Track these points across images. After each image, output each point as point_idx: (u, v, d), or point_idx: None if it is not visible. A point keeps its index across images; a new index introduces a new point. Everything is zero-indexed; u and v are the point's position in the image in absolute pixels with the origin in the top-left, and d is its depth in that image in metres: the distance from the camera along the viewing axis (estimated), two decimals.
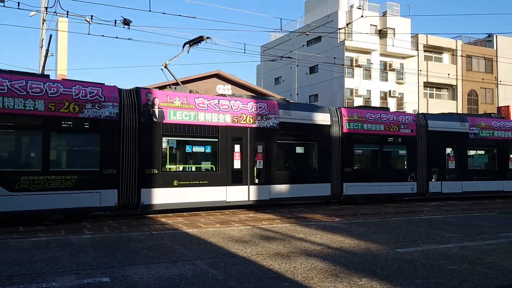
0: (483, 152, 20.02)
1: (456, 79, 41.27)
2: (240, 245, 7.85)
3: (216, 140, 13.54)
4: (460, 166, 18.65)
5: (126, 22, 15.61)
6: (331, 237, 8.76)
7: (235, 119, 13.82)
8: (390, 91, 38.67)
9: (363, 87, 37.57)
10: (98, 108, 11.44)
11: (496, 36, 43.81)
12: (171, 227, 10.56)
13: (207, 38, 14.95)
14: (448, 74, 40.65)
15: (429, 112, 39.79)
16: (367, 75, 38.15)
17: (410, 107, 39.03)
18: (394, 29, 38.30)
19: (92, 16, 16.13)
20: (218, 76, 38.79)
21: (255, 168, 14.26)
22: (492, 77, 43.09)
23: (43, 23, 20.44)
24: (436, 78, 40.08)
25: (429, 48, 41.12)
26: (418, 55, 39.77)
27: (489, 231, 9.67)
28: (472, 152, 19.49)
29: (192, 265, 6.30)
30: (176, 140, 13.08)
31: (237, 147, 13.90)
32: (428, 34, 40.30)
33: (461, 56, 41.02)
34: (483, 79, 42.25)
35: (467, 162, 19.02)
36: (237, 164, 13.87)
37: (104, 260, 6.55)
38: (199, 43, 15.27)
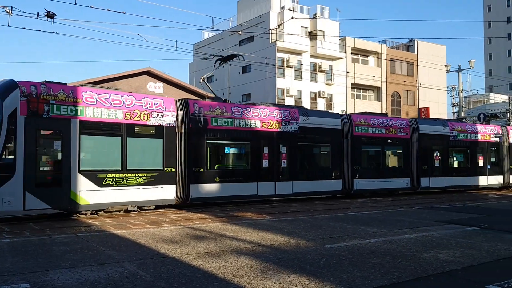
0: (459, 152, 23.12)
1: (381, 81, 43.30)
2: (170, 245, 7.74)
3: (249, 143, 15.81)
4: (443, 164, 21.59)
5: (50, 15, 14.86)
6: (261, 235, 8.86)
7: (264, 125, 16.05)
8: (319, 92, 39.80)
9: (294, 88, 38.38)
10: (161, 117, 13.74)
11: (417, 41, 46.45)
12: (98, 228, 10.20)
13: (239, 55, 17.49)
14: (373, 76, 42.54)
15: (356, 112, 41.46)
16: (298, 75, 39.01)
17: (338, 108, 40.42)
18: (323, 31, 39.46)
19: (12, 7, 15.15)
20: (149, 73, 37.95)
21: (280, 166, 16.41)
22: (413, 80, 45.66)
23: None
24: (363, 80, 41.83)
25: (356, 51, 42.80)
26: (346, 57, 41.26)
27: (409, 226, 10.21)
28: (451, 152, 22.54)
29: (119, 267, 6.12)
30: (217, 143, 15.29)
31: (265, 149, 16.11)
32: (355, 38, 42.01)
33: (385, 59, 43.10)
34: (405, 81, 44.65)
35: (448, 161, 22.07)
36: (265, 164, 16.08)
37: (24, 265, 6.19)
38: (231, 60, 17.87)
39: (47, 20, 15.00)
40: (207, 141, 14.77)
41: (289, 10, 37.55)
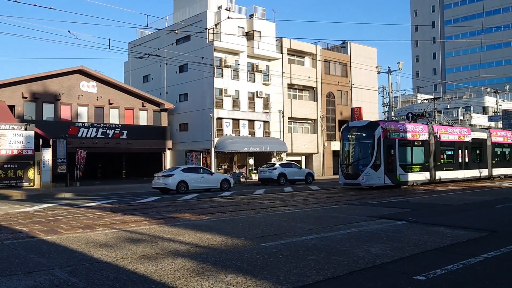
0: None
1: (316, 81, 44.33)
2: (105, 249, 7.50)
3: (454, 147, 27.72)
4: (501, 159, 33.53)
5: None
6: (199, 235, 8.79)
7: (458, 137, 28.03)
8: (257, 92, 40.12)
9: (232, 87, 38.43)
10: (423, 135, 25.34)
11: (349, 43, 48.00)
12: (26, 234, 9.67)
13: (428, 113, 31.71)
14: (309, 77, 43.47)
15: (292, 112, 42.21)
16: (236, 75, 39.09)
17: (275, 108, 40.93)
18: (260, 32, 39.77)
19: None
20: (81, 72, 36.58)
21: (464, 161, 28.22)
22: (346, 81, 47.16)
23: None
24: (299, 80, 42.61)
25: (292, 52, 43.53)
26: (282, 58, 41.86)
27: (343, 222, 10.55)
28: (498, 151, 33.21)
29: (49, 275, 5.84)
30: (443, 148, 26.97)
31: (459, 152, 27.93)
32: (291, 39, 42.67)
33: (320, 60, 44.17)
34: (338, 82, 46.01)
35: (500, 157, 33.49)
36: (460, 159, 27.94)
37: None
38: (435, 100, 35.52)
39: None
40: (440, 147, 26.39)
41: (226, 9, 37.46)
